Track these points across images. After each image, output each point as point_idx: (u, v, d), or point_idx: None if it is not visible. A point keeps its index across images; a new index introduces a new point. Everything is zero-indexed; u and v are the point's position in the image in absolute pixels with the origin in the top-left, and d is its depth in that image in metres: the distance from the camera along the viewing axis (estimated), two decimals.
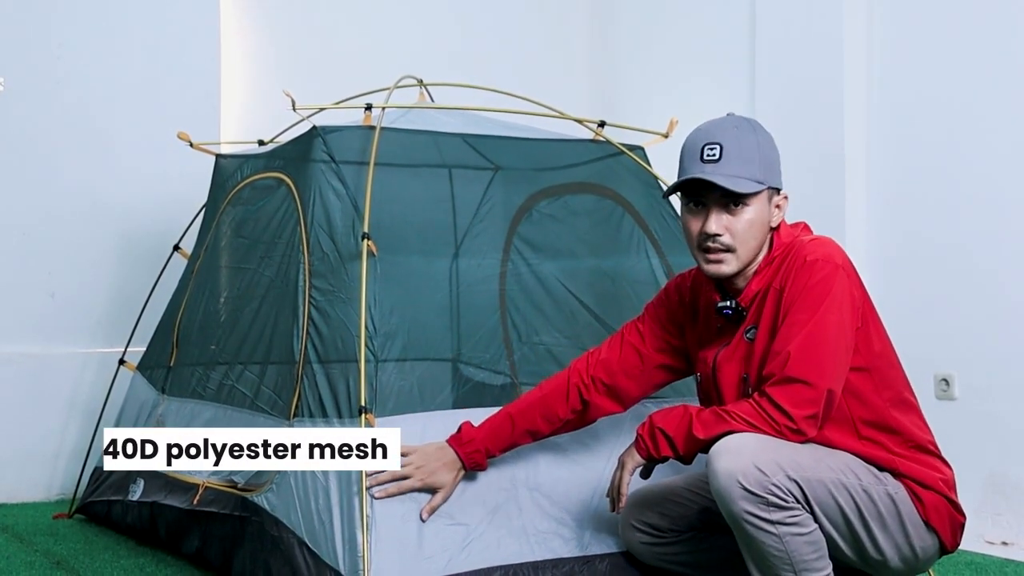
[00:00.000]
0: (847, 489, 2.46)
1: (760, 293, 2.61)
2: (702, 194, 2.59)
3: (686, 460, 2.55)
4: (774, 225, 2.64)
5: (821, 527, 2.45)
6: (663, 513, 2.82)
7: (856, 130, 4.77)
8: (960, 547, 3.94)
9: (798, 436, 2.44)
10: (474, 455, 2.83)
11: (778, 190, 2.65)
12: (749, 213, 2.58)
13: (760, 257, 2.64)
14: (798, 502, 2.40)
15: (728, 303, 2.65)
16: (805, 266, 2.53)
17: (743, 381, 2.61)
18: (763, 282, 2.61)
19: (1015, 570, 3.77)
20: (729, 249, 2.59)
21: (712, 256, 2.60)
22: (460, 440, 2.84)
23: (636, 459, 2.61)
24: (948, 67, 4.51)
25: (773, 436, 2.43)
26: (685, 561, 2.85)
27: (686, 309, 2.84)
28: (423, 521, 2.79)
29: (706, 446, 2.48)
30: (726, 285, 2.68)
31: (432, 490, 2.81)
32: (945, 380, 4.40)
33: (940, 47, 4.54)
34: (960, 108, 4.46)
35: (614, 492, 2.66)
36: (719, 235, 2.57)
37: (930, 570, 3.11)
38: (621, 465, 2.64)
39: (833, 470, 2.46)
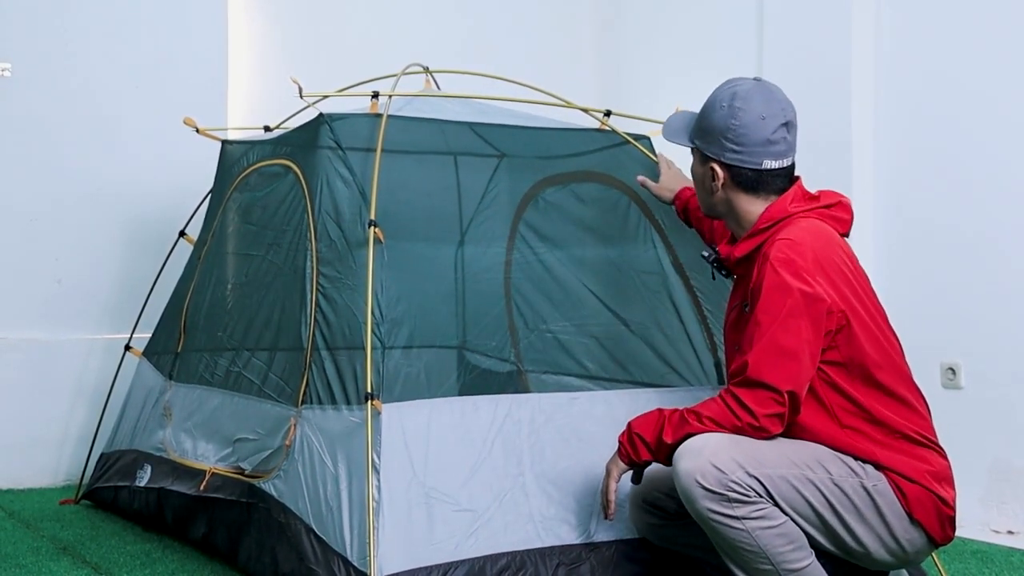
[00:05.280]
0: (813, 483, 2.48)
1: (745, 261, 2.70)
2: None
3: (665, 463, 2.59)
4: (715, 189, 2.75)
5: (794, 522, 2.47)
6: (670, 496, 2.82)
7: (863, 118, 4.76)
8: (965, 536, 3.97)
9: (761, 433, 2.49)
10: None
11: (714, 159, 2.73)
12: (691, 165, 2.85)
13: (750, 220, 2.72)
14: (760, 497, 2.43)
15: (706, 254, 2.83)
16: (769, 265, 2.55)
17: (736, 350, 2.66)
18: (745, 250, 2.70)
19: (1020, 559, 3.78)
20: None
21: None
22: None
23: (620, 465, 2.67)
24: (955, 57, 4.49)
25: (734, 432, 2.48)
26: (693, 544, 2.85)
27: None
28: None
29: (676, 449, 2.53)
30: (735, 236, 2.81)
31: None
32: (951, 369, 4.40)
33: (948, 38, 4.53)
34: (967, 98, 4.45)
35: (603, 499, 2.72)
36: None
37: (936, 560, 3.12)
38: (607, 472, 2.70)
39: (797, 465, 2.48)
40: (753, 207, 2.71)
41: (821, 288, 2.52)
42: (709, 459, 2.42)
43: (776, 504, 2.45)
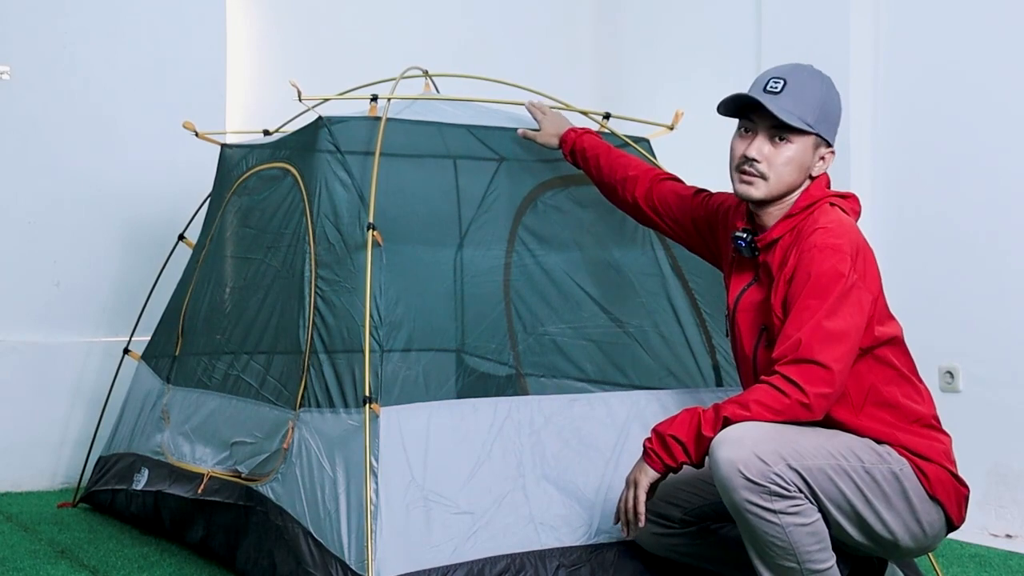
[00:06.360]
0: (848, 473, 2.48)
1: (777, 241, 2.67)
2: (753, 120, 2.67)
3: (699, 464, 2.53)
4: (814, 174, 2.70)
5: (828, 514, 2.47)
6: (674, 503, 2.81)
7: (862, 119, 4.76)
8: (964, 539, 3.97)
9: (807, 412, 2.46)
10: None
11: (829, 144, 2.70)
12: (790, 151, 2.65)
13: (790, 201, 2.69)
14: (800, 492, 2.42)
15: (744, 235, 2.72)
16: (816, 251, 2.56)
17: (762, 331, 2.66)
18: (781, 231, 2.68)
19: (1019, 563, 3.77)
20: (763, 176, 2.65)
21: (745, 177, 2.67)
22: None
23: (651, 474, 2.53)
24: (954, 57, 4.49)
25: (781, 411, 2.44)
26: (693, 553, 2.85)
27: (721, 221, 2.92)
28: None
29: None
30: (755, 219, 2.75)
31: None
32: (949, 372, 4.40)
33: (946, 38, 4.53)
34: (967, 99, 4.45)
35: (630, 514, 2.55)
36: (757, 161, 2.65)
37: (935, 563, 3.13)
38: (634, 484, 2.55)
39: (834, 455, 2.48)
40: (800, 189, 2.71)
41: (863, 275, 2.56)
42: (752, 449, 2.38)
43: (815, 496, 2.44)
